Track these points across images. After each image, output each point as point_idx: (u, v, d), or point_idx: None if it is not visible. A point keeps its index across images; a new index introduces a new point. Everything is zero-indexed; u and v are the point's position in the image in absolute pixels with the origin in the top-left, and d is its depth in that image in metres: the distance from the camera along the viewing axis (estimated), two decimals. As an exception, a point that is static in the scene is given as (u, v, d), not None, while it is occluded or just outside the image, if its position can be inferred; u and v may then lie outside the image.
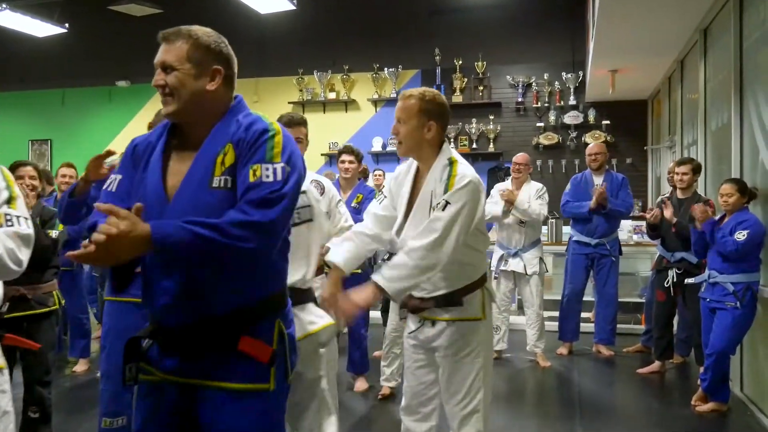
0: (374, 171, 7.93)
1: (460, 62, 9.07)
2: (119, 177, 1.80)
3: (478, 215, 2.36)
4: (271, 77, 9.88)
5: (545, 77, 8.88)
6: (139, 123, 10.49)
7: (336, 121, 9.63)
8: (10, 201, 1.89)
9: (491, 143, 9.02)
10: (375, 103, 9.55)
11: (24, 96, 11.06)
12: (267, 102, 9.91)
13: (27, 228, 1.87)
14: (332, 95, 9.63)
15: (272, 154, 1.64)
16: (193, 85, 1.70)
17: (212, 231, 1.52)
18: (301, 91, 9.70)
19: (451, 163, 2.39)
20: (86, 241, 1.50)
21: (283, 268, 1.82)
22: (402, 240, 2.42)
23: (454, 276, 2.41)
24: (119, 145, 10.56)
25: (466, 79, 9.10)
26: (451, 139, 8.95)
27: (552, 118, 8.81)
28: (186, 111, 1.72)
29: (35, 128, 11.06)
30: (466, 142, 9.05)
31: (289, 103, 9.69)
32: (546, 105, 8.88)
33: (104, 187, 1.81)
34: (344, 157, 4.79)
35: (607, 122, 8.65)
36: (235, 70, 1.81)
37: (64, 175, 5.32)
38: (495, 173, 8.62)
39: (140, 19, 8.91)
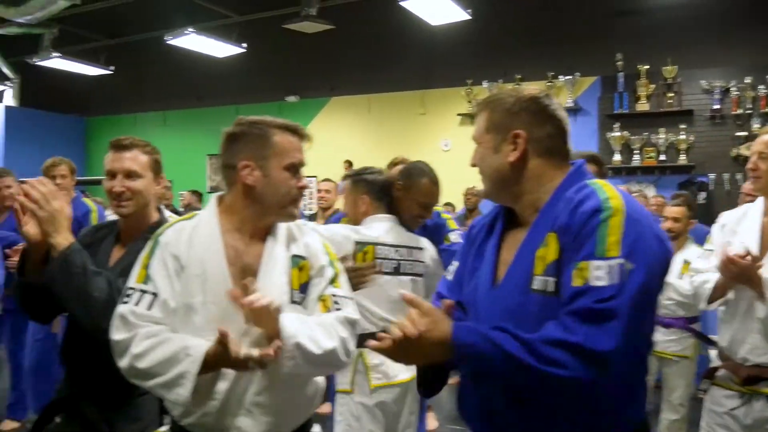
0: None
1: (646, 67, 8.32)
2: (456, 264, 1.57)
3: None
4: (438, 89, 9.64)
5: (746, 81, 7.92)
6: (308, 137, 10.66)
7: (506, 132, 9.18)
8: (334, 279, 1.69)
9: (682, 155, 8.19)
10: (548, 113, 8.99)
11: (201, 113, 11.63)
12: (434, 114, 9.70)
13: (354, 312, 1.67)
14: (503, 106, 9.20)
15: (605, 246, 1.22)
16: (491, 159, 1.43)
17: (522, 347, 1.17)
18: (470, 102, 9.36)
19: None
20: (381, 333, 1.24)
21: (640, 393, 1.37)
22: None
23: None
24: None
25: (652, 86, 8.33)
26: (636, 151, 8.24)
27: (756, 126, 7.83)
28: (493, 191, 1.46)
29: (212, 143, 11.54)
30: (653, 154, 8.28)
31: (457, 115, 9.41)
32: (748, 112, 7.92)
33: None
34: None
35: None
36: (549, 132, 1.44)
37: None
38: (687, 188, 7.81)
39: (311, 35, 9.01)
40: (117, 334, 1.55)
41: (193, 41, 8.62)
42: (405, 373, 2.60)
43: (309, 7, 8.45)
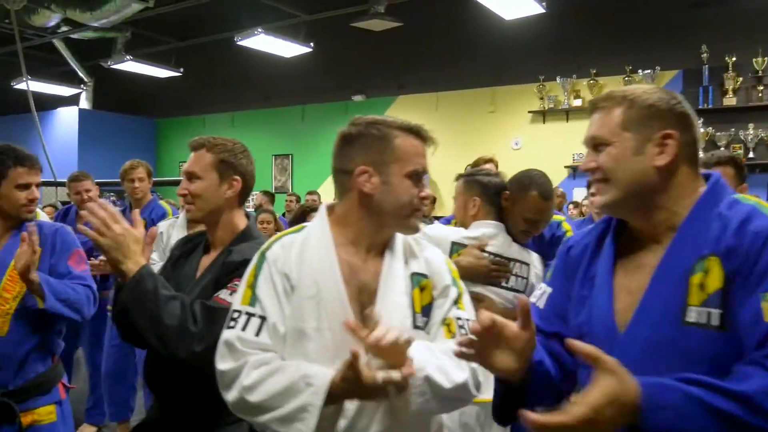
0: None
1: (734, 59, 7.83)
2: (548, 290, 1.35)
3: None
4: (508, 86, 9.36)
5: None
6: (374, 137, 10.54)
7: (581, 130, 8.72)
8: (458, 300, 1.50)
9: (773, 152, 7.68)
10: (626, 109, 8.59)
11: (268, 113, 11.67)
12: (504, 112, 9.42)
13: None
14: (577, 102, 8.86)
15: None
16: (631, 162, 1.21)
17: (737, 403, 0.97)
18: (542, 99, 9.05)
19: None
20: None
21: None
22: None
23: None
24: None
25: (740, 79, 7.84)
26: (722, 147, 7.77)
27: None
28: (625, 201, 1.22)
29: (278, 143, 11.61)
30: (741, 151, 7.79)
31: (529, 112, 9.12)
32: None
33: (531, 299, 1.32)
34: None
35: None
36: (694, 136, 1.25)
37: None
38: (778, 187, 7.32)
39: (378, 33, 8.87)
40: (223, 364, 1.38)
41: (262, 42, 8.61)
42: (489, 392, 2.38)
43: (377, 4, 8.32)
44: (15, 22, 8.40)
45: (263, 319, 1.37)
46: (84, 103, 12.24)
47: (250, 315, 1.38)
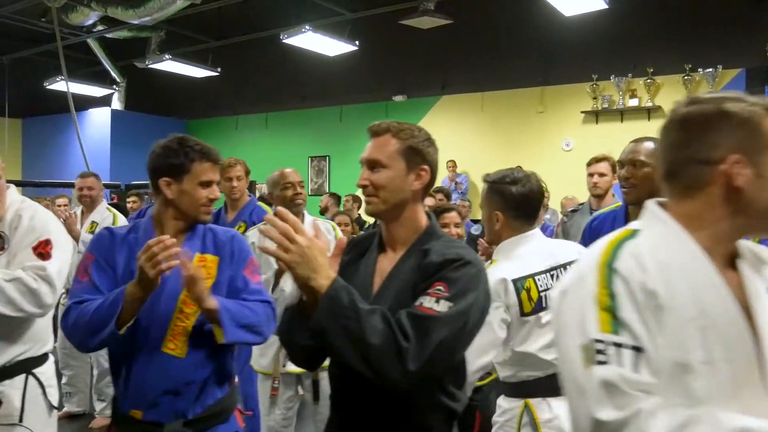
0: None
1: (802, 57, 7.54)
2: None
3: None
4: (558, 85, 9.08)
5: None
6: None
7: (636, 130, 8.44)
8: None
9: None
10: (684, 109, 8.29)
11: (304, 114, 11.42)
12: (554, 112, 9.14)
13: None
14: (633, 102, 8.57)
15: None
16: None
17: None
18: (595, 98, 8.76)
19: None
20: None
21: None
22: None
23: None
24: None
25: (809, 78, 7.55)
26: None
27: None
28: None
29: (314, 145, 11.35)
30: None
31: (581, 112, 8.83)
32: None
33: None
34: None
35: None
36: None
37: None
38: None
39: (423, 32, 8.62)
40: (605, 412, 1.04)
41: (308, 40, 8.36)
42: None
43: (427, 1, 8.08)
44: (56, 21, 8.20)
45: (637, 350, 1.07)
46: (116, 103, 12.05)
47: (618, 345, 1.06)
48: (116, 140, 11.79)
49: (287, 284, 2.74)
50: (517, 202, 2.24)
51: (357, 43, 8.83)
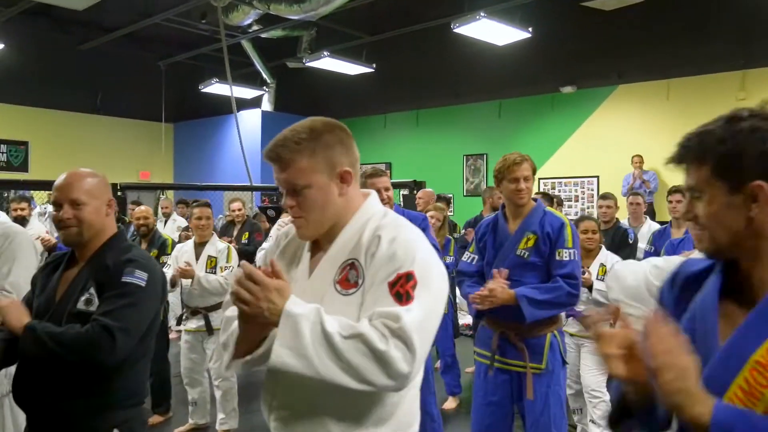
0: None
1: None
2: None
3: None
4: (763, 68, 7.94)
5: None
6: (587, 131, 9.44)
7: None
8: None
9: None
10: None
11: (458, 110, 10.82)
12: (759, 99, 7.96)
13: None
14: None
15: None
16: None
17: None
18: (814, 81, 7.59)
19: None
20: None
21: None
22: None
23: None
24: (563, 156, 9.63)
25: None
26: None
27: None
28: None
29: (470, 143, 10.73)
30: None
31: (796, 97, 7.67)
32: None
33: None
34: None
35: None
36: None
37: None
38: None
39: (598, 15, 7.78)
40: None
41: (481, 27, 7.72)
42: None
43: (615, -22, 7.25)
44: (221, 21, 8.04)
45: None
46: (266, 104, 11.97)
47: None
48: (267, 142, 11.65)
49: None
50: None
51: (530, 29, 8.10)
